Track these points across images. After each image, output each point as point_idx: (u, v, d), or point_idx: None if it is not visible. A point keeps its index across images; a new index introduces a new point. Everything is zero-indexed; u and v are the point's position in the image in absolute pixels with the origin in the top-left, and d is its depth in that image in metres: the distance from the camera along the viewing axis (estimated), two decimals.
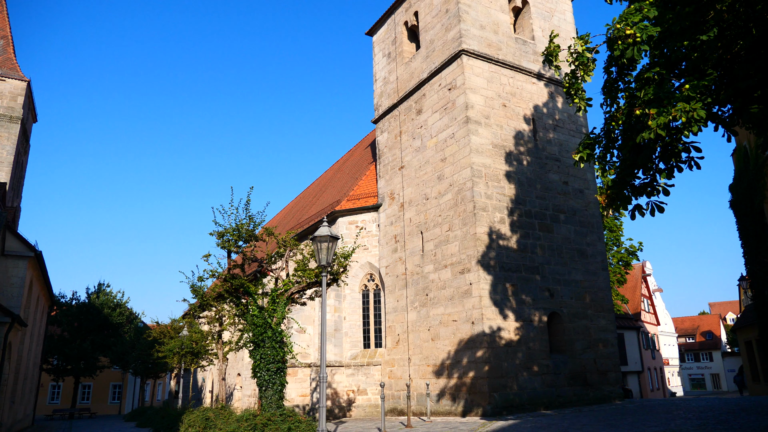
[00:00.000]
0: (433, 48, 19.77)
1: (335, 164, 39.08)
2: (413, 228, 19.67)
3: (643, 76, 8.15)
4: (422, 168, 19.60)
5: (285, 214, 41.79)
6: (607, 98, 9.05)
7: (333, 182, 31.98)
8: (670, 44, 7.90)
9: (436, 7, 19.86)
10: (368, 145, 29.33)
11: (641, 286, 46.37)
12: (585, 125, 20.58)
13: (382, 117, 22.71)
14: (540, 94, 19.66)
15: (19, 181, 34.23)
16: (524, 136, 18.67)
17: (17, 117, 30.77)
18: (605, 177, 9.30)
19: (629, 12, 7.71)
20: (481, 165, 17.29)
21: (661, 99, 7.38)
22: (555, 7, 21.25)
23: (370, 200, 22.38)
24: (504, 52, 19.11)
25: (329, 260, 11.63)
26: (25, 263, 20.04)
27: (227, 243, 15.96)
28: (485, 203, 17.00)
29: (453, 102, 18.24)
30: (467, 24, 18.46)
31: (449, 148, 18.20)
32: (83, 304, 40.78)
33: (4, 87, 31.09)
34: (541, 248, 17.82)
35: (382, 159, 22.46)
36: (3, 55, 32.46)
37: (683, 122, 7.14)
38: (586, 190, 19.80)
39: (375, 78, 23.79)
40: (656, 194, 8.56)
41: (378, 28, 24.02)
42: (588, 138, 9.37)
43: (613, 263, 33.63)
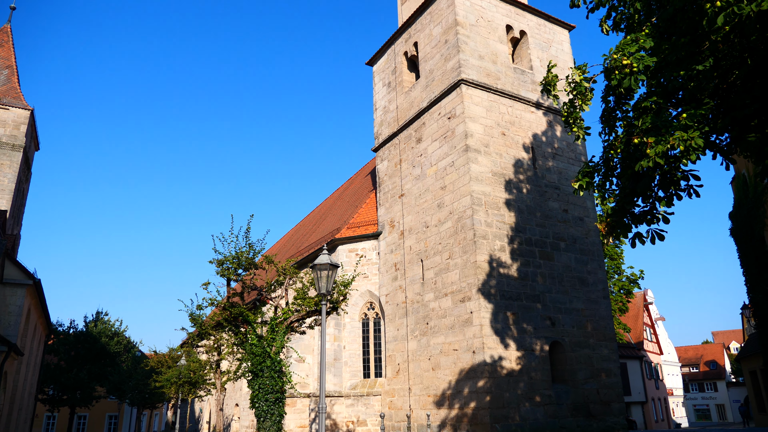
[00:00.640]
0: (432, 77, 20.03)
1: (335, 192, 39.21)
2: (413, 256, 19.62)
3: (640, 105, 8.23)
4: (422, 196, 19.65)
5: (285, 241, 41.75)
6: (605, 127, 9.13)
7: (333, 210, 32.03)
8: (666, 74, 8.00)
9: (435, 37, 20.18)
10: (368, 173, 29.47)
11: (643, 315, 46.02)
12: (584, 153, 20.70)
13: (383, 145, 22.87)
14: (539, 122, 19.84)
15: (20, 208, 34.29)
16: (524, 164, 18.77)
17: (20, 145, 30.98)
18: (605, 205, 9.32)
19: (626, 42, 7.83)
20: (480, 193, 17.34)
21: (659, 128, 7.44)
22: (552, 38, 21.60)
23: (371, 228, 22.38)
24: (503, 82, 19.34)
25: (329, 288, 11.56)
26: (23, 291, 19.92)
27: (227, 271, 15.91)
28: (485, 231, 16.99)
29: (452, 130, 18.39)
30: (466, 54, 18.73)
31: (449, 176, 18.28)
32: (81, 333, 40.41)
33: (8, 116, 31.39)
34: (542, 276, 17.74)
35: (382, 187, 22.54)
36: (7, 84, 32.86)
37: (681, 151, 7.19)
38: (586, 218, 19.82)
39: (375, 107, 24.03)
40: (656, 222, 8.56)
41: (378, 58, 24.37)
42: (587, 166, 9.41)
43: (615, 291, 33.44)
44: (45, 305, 24.29)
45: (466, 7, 19.46)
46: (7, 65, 33.58)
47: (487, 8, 20.11)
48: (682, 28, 7.92)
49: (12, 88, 32.89)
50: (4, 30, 34.66)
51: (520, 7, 21.14)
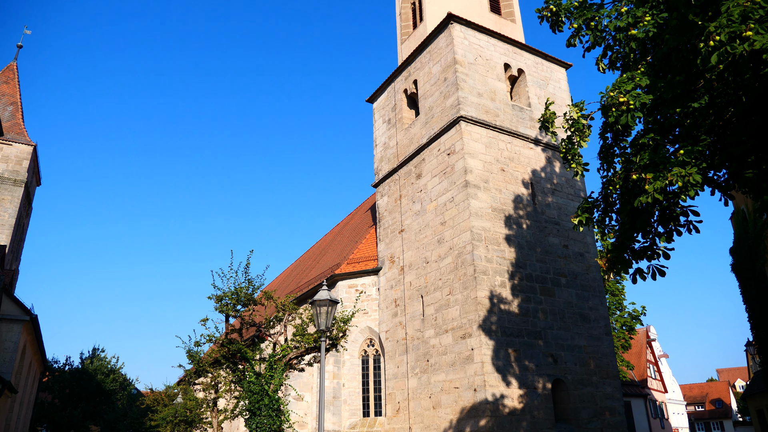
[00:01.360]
0: (432, 114, 20.29)
1: (335, 227, 39.23)
2: (413, 292, 19.49)
3: (638, 142, 8.31)
4: (422, 231, 19.66)
5: (284, 277, 41.54)
6: (603, 163, 9.20)
7: (333, 245, 31.98)
8: (662, 111, 8.11)
9: (434, 75, 20.53)
10: (368, 208, 29.55)
11: (646, 352, 45.41)
12: (583, 189, 20.80)
13: (382, 181, 23.00)
14: (538, 158, 20.00)
15: (19, 243, 34.25)
16: (523, 199, 18.84)
17: (21, 180, 31.16)
18: (605, 240, 9.32)
19: (622, 81, 7.96)
20: (480, 228, 17.35)
21: (657, 164, 7.50)
22: (550, 76, 21.98)
23: (370, 263, 22.30)
24: (501, 119, 19.59)
25: (328, 325, 11.45)
26: (19, 327, 19.72)
27: (225, 307, 15.77)
28: (486, 267, 16.93)
29: (452, 166, 18.53)
30: (465, 92, 19.03)
31: (449, 212, 18.32)
32: (76, 370, 39.80)
33: (11, 151, 31.68)
34: (543, 312, 17.58)
35: (382, 222, 22.57)
36: (12, 120, 33.28)
37: (680, 187, 7.22)
38: (587, 253, 19.77)
39: (375, 143, 24.27)
40: (657, 258, 8.54)
41: (378, 96, 24.74)
42: (586, 202, 9.44)
43: (617, 328, 33.10)
44: (41, 341, 24.01)
45: (464, 46, 19.87)
46: (12, 102, 34.08)
47: (486, 47, 20.52)
48: (677, 67, 8.06)
49: (16, 123, 33.29)
50: (11, 67, 35.30)
51: (518, 46, 21.59)
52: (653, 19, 7.89)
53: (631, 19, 8.03)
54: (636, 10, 7.99)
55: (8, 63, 35.56)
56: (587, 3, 8.87)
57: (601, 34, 8.74)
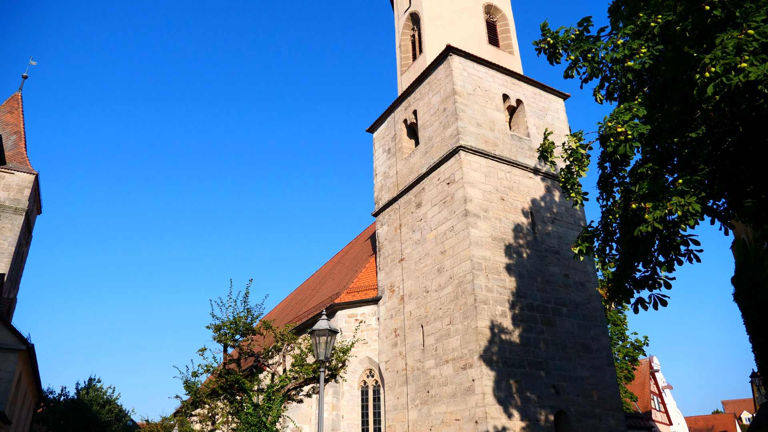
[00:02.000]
0: (431, 144, 20.44)
1: (335, 256, 39.12)
2: (413, 321, 19.33)
3: (636, 171, 8.35)
4: (422, 260, 19.60)
5: (284, 306, 41.26)
6: (602, 192, 9.23)
7: (333, 274, 31.85)
8: (660, 141, 8.17)
9: (434, 106, 20.76)
10: (368, 237, 29.53)
11: (650, 383, 44.77)
12: (583, 218, 20.82)
13: (382, 210, 23.04)
14: (537, 188, 20.08)
15: (18, 272, 34.13)
16: (523, 229, 18.83)
17: (22, 209, 31.23)
18: (605, 270, 9.29)
19: (619, 111, 8.04)
20: (481, 258, 17.30)
21: (656, 193, 7.52)
22: (548, 106, 22.22)
23: (370, 293, 22.17)
24: (500, 148, 19.73)
25: (328, 355, 11.33)
26: (15, 356, 19.50)
27: (224, 337, 15.63)
28: (486, 296, 16.83)
29: (452, 196, 18.58)
30: (464, 122, 19.21)
31: (449, 241, 18.30)
32: (71, 401, 39.19)
33: (12, 180, 31.82)
34: (545, 343, 17.40)
35: (382, 251, 22.52)
36: (15, 149, 33.53)
37: (679, 216, 7.23)
38: (588, 282, 19.68)
39: (375, 172, 24.39)
40: (658, 287, 8.50)
41: (378, 126, 24.97)
42: (586, 231, 9.44)
43: (619, 358, 32.69)
44: (36, 371, 23.72)
45: (463, 77, 20.14)
46: (15, 131, 34.39)
47: (484, 78, 20.80)
48: (673, 98, 8.16)
49: (19, 153, 33.53)
50: (15, 98, 35.74)
51: (516, 77, 21.88)
52: (649, 51, 8.01)
53: (627, 51, 8.15)
54: (632, 43, 8.11)
55: (13, 93, 36.03)
56: (584, 35, 9.01)
57: (598, 66, 8.86)
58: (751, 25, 6.41)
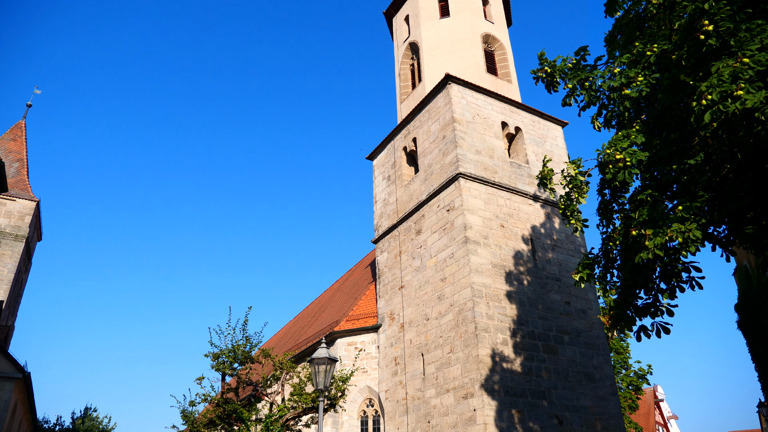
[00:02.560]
0: (431, 171, 20.52)
1: (335, 284, 38.93)
2: (414, 350, 19.12)
3: (636, 198, 8.35)
4: (422, 288, 19.48)
5: (283, 334, 40.89)
6: (602, 219, 9.22)
7: (332, 302, 31.64)
8: (659, 168, 8.19)
9: (433, 133, 20.91)
10: (368, 264, 29.42)
11: (654, 413, 44.06)
12: (583, 245, 20.76)
13: (382, 237, 23.00)
14: (537, 214, 20.07)
15: (17, 299, 33.94)
16: (523, 256, 18.76)
17: (22, 236, 31.22)
18: (607, 297, 9.22)
19: (618, 138, 8.08)
20: (481, 285, 17.19)
21: (656, 220, 7.51)
22: (547, 134, 22.37)
23: (370, 321, 21.98)
24: (500, 175, 19.79)
25: (327, 384, 11.16)
26: (11, 385, 19.27)
27: (222, 365, 15.46)
28: (487, 324, 16.66)
29: (452, 223, 18.57)
30: (464, 149, 19.31)
31: (449, 268, 18.21)
32: (67, 431, 38.60)
33: (14, 207, 31.90)
34: (547, 371, 17.17)
35: (382, 279, 22.40)
36: (17, 176, 33.69)
37: (680, 243, 7.20)
38: (589, 310, 19.51)
39: (375, 199, 24.43)
40: (660, 315, 8.42)
41: (378, 153, 25.11)
42: (587, 258, 9.39)
43: (623, 388, 32.20)
44: (32, 400, 23.41)
45: (462, 105, 20.33)
46: (18, 158, 34.62)
47: (483, 106, 21.00)
48: (671, 125, 8.21)
49: (21, 180, 33.68)
50: (19, 126, 36.08)
51: (515, 105, 22.09)
52: (646, 79, 8.09)
53: (624, 79, 8.23)
54: (628, 71, 8.19)
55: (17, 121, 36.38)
56: (581, 64, 9.11)
57: (596, 94, 8.94)
58: (746, 53, 6.48)
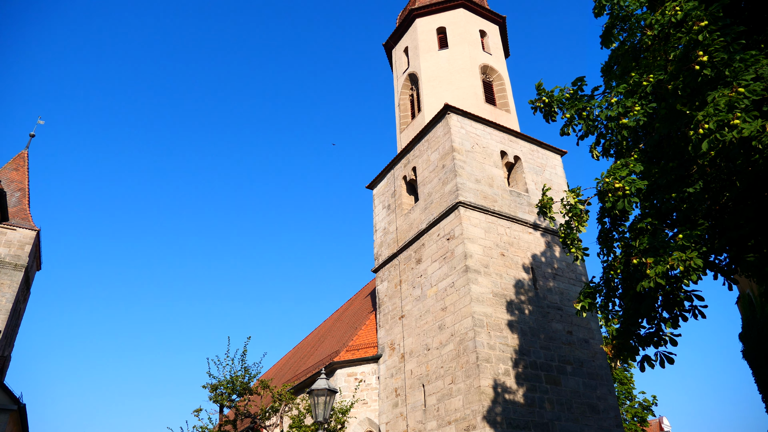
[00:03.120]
0: (431, 200, 20.57)
1: (335, 313, 38.63)
2: (414, 380, 18.86)
3: (636, 226, 8.35)
4: (423, 317, 19.32)
5: (282, 365, 40.41)
6: (603, 248, 9.20)
7: (332, 332, 31.35)
8: (658, 196, 8.20)
9: (433, 163, 21.03)
10: (368, 294, 29.24)
11: None
12: (584, 274, 20.67)
13: (382, 266, 22.92)
14: (537, 243, 20.04)
15: (14, 329, 33.65)
16: (524, 284, 18.66)
17: (22, 265, 31.12)
18: (609, 326, 9.13)
19: (616, 167, 8.12)
20: (482, 314, 17.05)
21: (657, 248, 7.48)
22: (546, 162, 22.49)
23: (370, 351, 21.73)
24: (500, 204, 19.83)
25: (326, 416, 10.98)
26: (6, 417, 18.97)
27: (220, 396, 15.25)
28: (488, 354, 16.47)
29: (452, 251, 18.52)
30: (463, 178, 19.39)
31: (449, 297, 18.10)
32: None
33: (14, 236, 31.89)
34: (550, 402, 16.89)
35: (382, 308, 22.24)
36: (18, 206, 33.77)
37: (681, 271, 7.16)
38: (591, 339, 19.31)
39: (375, 228, 24.43)
40: (663, 344, 8.33)
41: (378, 182, 25.22)
42: (588, 287, 9.33)
43: (628, 419, 31.67)
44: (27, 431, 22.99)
45: (461, 134, 20.50)
46: (19, 188, 34.77)
47: (482, 135, 21.17)
48: (669, 153, 8.26)
49: (22, 209, 33.76)
50: (21, 155, 36.34)
51: (513, 134, 22.27)
52: (643, 108, 8.17)
53: (621, 109, 8.31)
54: (625, 101, 8.28)
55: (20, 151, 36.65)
56: (578, 94, 9.22)
57: (593, 123, 9.01)
58: (741, 83, 6.56)
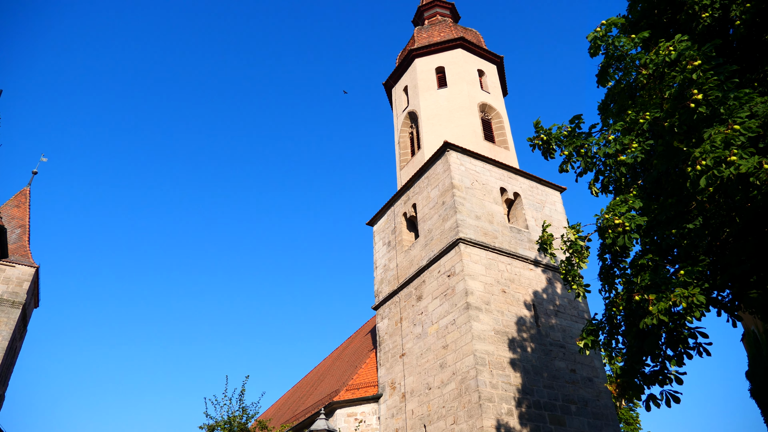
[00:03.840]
0: (431, 237, 20.55)
1: (334, 351, 38.13)
2: (416, 421, 18.46)
3: (637, 263, 8.31)
4: (424, 356, 19.06)
5: (281, 404, 39.64)
6: (604, 284, 9.14)
7: (332, 370, 30.87)
8: (658, 232, 8.20)
9: (433, 199, 21.11)
10: (368, 331, 28.92)
11: None
12: (586, 310, 20.48)
13: (383, 303, 22.74)
14: (538, 280, 19.92)
15: (9, 368, 33.14)
16: (526, 322, 18.47)
17: (19, 302, 30.88)
18: (613, 364, 9.04)
19: (616, 203, 8.14)
20: (484, 352, 16.82)
21: (659, 285, 7.44)
22: (545, 199, 22.58)
23: (371, 390, 21.35)
24: (500, 240, 19.80)
25: None
26: None
27: None
28: (491, 393, 16.17)
29: (453, 288, 18.40)
30: (463, 215, 19.43)
31: (451, 335, 17.89)
32: None
33: (13, 273, 31.75)
34: None
35: (383, 346, 21.96)
36: (18, 242, 33.75)
37: (684, 308, 7.10)
38: (596, 378, 18.98)
39: (375, 265, 24.34)
40: (669, 383, 8.18)
41: (378, 219, 25.26)
42: (590, 324, 9.23)
43: None
44: None
45: (461, 171, 20.64)
46: (20, 224, 34.82)
47: (482, 172, 21.31)
48: (668, 190, 8.30)
49: (22, 246, 33.73)
50: (23, 192, 36.53)
51: (512, 171, 22.43)
52: (640, 145, 8.25)
53: (619, 146, 8.38)
54: (623, 138, 8.36)
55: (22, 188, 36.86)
56: (576, 132, 9.31)
57: (592, 160, 9.08)
58: (737, 120, 6.64)
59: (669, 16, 9.88)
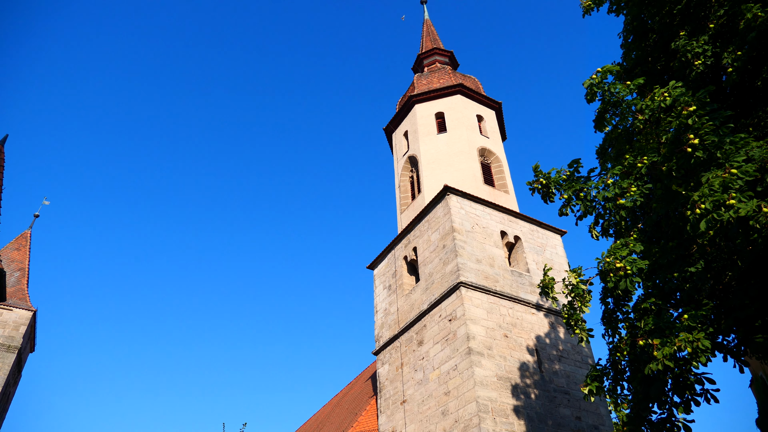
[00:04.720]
0: (432, 280, 20.43)
1: (334, 398, 37.32)
2: None
3: (640, 307, 8.24)
4: (425, 402, 18.64)
5: None
6: (608, 329, 9.04)
7: (331, 418, 30.15)
8: (660, 276, 8.16)
9: (433, 243, 21.09)
10: (369, 377, 28.39)
11: None
12: (590, 355, 20.14)
13: (383, 348, 22.41)
14: (541, 324, 19.69)
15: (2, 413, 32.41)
16: (529, 367, 18.15)
17: (15, 347, 30.47)
18: (619, 411, 8.79)
19: (617, 247, 8.13)
20: (486, 399, 16.46)
21: (663, 329, 7.35)
22: (546, 242, 22.55)
23: None
24: (501, 284, 19.67)
25: None
26: None
27: None
28: None
29: (454, 333, 18.17)
30: (464, 258, 19.37)
31: (452, 381, 17.55)
32: None
33: (9, 316, 31.47)
34: None
35: (383, 392, 21.51)
36: (17, 285, 33.57)
37: (689, 353, 7.00)
38: (602, 426, 18.50)
39: (376, 309, 24.11)
40: (677, 431, 7.97)
41: (378, 263, 25.17)
42: (595, 370, 9.08)
43: None
44: None
45: (461, 215, 20.70)
46: (20, 267, 34.73)
47: (482, 216, 21.37)
48: (668, 233, 8.30)
49: (20, 289, 33.54)
50: (24, 235, 36.58)
51: (513, 214, 22.49)
52: (639, 189, 8.29)
53: (618, 189, 8.43)
54: (621, 182, 8.42)
55: (23, 231, 36.93)
56: (574, 176, 9.38)
57: (591, 204, 9.11)
58: (734, 164, 6.71)
59: (663, 63, 10.13)
